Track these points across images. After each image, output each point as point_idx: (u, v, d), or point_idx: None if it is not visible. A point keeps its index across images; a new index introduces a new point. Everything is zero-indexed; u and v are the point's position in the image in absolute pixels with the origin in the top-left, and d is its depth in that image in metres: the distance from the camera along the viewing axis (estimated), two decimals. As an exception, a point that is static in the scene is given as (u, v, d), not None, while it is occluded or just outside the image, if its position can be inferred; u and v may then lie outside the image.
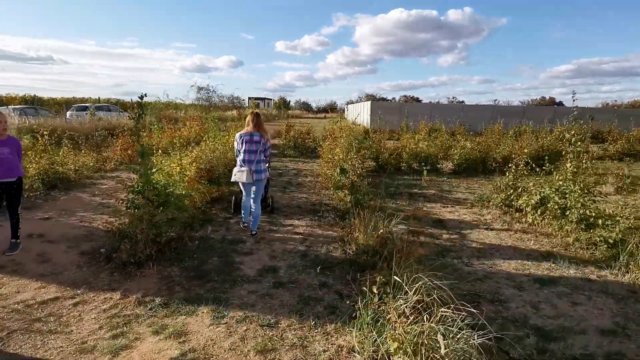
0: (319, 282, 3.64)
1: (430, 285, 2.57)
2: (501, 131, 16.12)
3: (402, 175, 9.06)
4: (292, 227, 5.26)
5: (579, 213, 4.49)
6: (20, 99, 32.96)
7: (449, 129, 17.70)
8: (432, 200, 6.79)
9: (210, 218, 5.53)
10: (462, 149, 9.67)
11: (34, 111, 17.10)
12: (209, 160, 6.61)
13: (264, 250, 4.42)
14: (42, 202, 6.07)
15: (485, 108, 23.66)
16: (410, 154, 9.55)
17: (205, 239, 4.70)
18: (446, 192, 7.47)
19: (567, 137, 4.92)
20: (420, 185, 8.08)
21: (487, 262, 4.14)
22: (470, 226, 5.38)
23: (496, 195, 6.33)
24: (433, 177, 8.90)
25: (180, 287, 3.46)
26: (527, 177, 6.01)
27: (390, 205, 6.39)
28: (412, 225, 5.16)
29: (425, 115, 21.08)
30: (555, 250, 4.47)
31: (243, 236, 4.85)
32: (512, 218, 5.72)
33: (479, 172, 9.45)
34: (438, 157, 9.75)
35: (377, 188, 7.60)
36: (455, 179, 8.78)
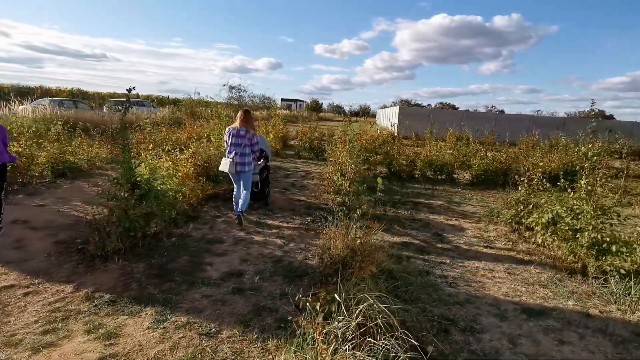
0: (282, 291, 3.40)
1: (377, 307, 2.26)
2: (535, 143, 15.18)
3: (414, 184, 8.62)
4: (278, 230, 5.05)
5: (590, 237, 3.96)
6: (68, 92, 35.15)
7: (478, 138, 16.91)
8: (437, 212, 6.34)
9: (198, 215, 5.43)
10: (481, 159, 9.07)
11: (72, 104, 18.02)
12: (207, 157, 6.54)
13: (238, 252, 4.24)
14: (45, 189, 6.25)
15: (521, 118, 22.39)
16: (424, 162, 9.08)
17: (184, 237, 4.60)
18: (455, 203, 6.98)
19: (583, 150, 4.37)
20: (429, 194, 7.62)
21: (475, 283, 3.72)
22: (469, 242, 4.93)
23: (506, 210, 5.80)
24: (447, 188, 8.39)
25: (137, 285, 3.35)
26: (542, 192, 5.44)
27: (389, 214, 6.03)
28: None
29: (455, 123, 20.27)
30: (559, 276, 3.96)
31: (223, 236, 4.70)
32: (519, 237, 5.20)
33: (498, 184, 8.81)
34: (454, 167, 9.20)
35: (383, 195, 7.24)
36: (471, 191, 8.23)
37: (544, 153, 10.51)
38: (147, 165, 5.08)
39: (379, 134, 17.55)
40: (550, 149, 12.57)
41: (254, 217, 5.55)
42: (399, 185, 8.34)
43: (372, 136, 16.19)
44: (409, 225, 5.56)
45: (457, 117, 22.35)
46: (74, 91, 35.74)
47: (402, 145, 16.00)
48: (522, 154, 11.41)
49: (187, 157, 6.11)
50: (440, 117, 22.05)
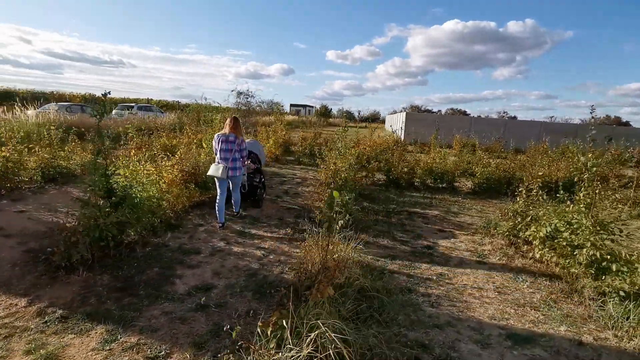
0: (249, 308, 3.18)
1: (330, 337, 2.03)
2: (545, 150, 14.73)
3: (412, 192, 8.33)
4: (260, 241, 4.85)
5: (588, 254, 3.65)
6: (81, 97, 35.81)
7: (486, 145, 16.50)
8: (432, 223, 6.05)
9: (180, 224, 5.27)
10: (484, 167, 8.74)
11: (80, 109, 18.24)
12: (195, 163, 6.39)
13: (212, 264, 4.05)
14: (31, 194, 6.17)
15: (531, 124, 21.84)
16: (424, 169, 8.79)
17: (160, 246, 4.43)
18: (452, 213, 6.68)
19: (582, 160, 4.06)
20: (427, 203, 7.33)
21: (460, 303, 3.45)
22: (460, 257, 4.64)
23: (504, 222, 5.48)
24: (447, 197, 8.09)
25: (95, 299, 3.17)
26: (541, 204, 5.12)
27: (380, 224, 5.77)
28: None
29: (463, 129, 19.86)
30: (553, 297, 3.65)
31: (201, 246, 4.52)
32: (516, 251, 4.89)
33: (502, 194, 8.46)
34: (455, 175, 8.87)
35: (377, 204, 6.99)
36: (471, 200, 7.90)
37: (552, 161, 10.10)
38: (127, 172, 4.93)
39: (384, 140, 17.31)
40: (559, 157, 12.14)
41: (238, 226, 5.36)
42: (397, 194, 8.06)
43: (375, 142, 15.95)
44: (400, 236, 5.29)
45: (465, 124, 21.92)
46: (87, 96, 36.40)
47: (406, 152, 15.76)
48: (529, 162, 11.03)
49: (173, 164, 5.97)
50: (448, 123, 21.64)
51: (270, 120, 32.91)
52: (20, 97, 28.91)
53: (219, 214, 5.17)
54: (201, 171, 6.50)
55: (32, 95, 31.91)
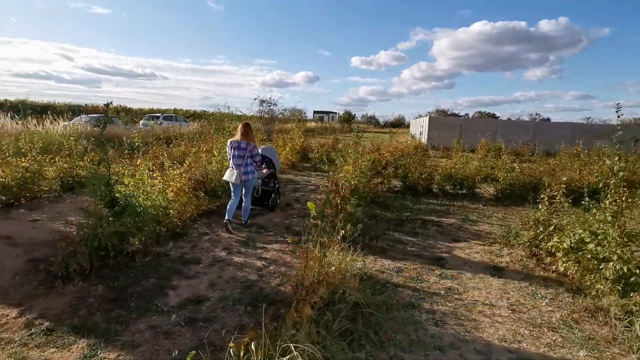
0: (239, 323, 3.04)
1: None
2: (578, 153, 13.90)
3: (430, 199, 7.98)
4: (263, 251, 4.72)
5: (615, 268, 3.27)
6: (113, 109, 37.38)
7: (513, 149, 15.78)
8: (446, 232, 5.72)
9: (185, 232, 5.23)
10: (507, 172, 8.26)
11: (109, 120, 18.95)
12: (204, 171, 6.37)
13: (210, 275, 3.94)
14: (48, 203, 6.36)
15: (563, 126, 20.72)
16: (443, 175, 8.42)
17: (160, 256, 4.38)
18: (470, 222, 6.30)
19: (608, 164, 3.68)
20: (444, 211, 6.98)
21: (468, 322, 3.15)
22: (474, 269, 4.31)
23: (525, 232, 5.08)
24: (466, 204, 7.69)
25: (86, 311, 3.13)
26: (567, 212, 4.70)
27: (391, 233, 5.51)
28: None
29: (489, 132, 19.11)
30: (575, 316, 3.28)
31: (202, 256, 4.44)
32: (537, 263, 4.50)
33: (527, 201, 7.94)
34: (475, 180, 8.43)
35: (391, 212, 6.72)
36: (493, 207, 7.47)
37: (583, 165, 9.45)
38: (131, 181, 4.95)
39: (405, 146, 16.92)
40: (593, 160, 11.37)
41: (244, 234, 5.27)
42: (413, 201, 7.74)
43: (396, 148, 15.60)
44: (411, 247, 5.01)
45: (492, 127, 21.09)
46: (117, 108, 38.02)
47: (427, 157, 15.29)
48: (559, 166, 10.38)
49: (181, 172, 5.97)
50: (473, 126, 20.90)
51: (293, 127, 33.14)
52: (57, 111, 30.58)
53: (228, 212, 5.37)
54: (210, 179, 6.47)
55: (68, 108, 33.68)
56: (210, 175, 6.46)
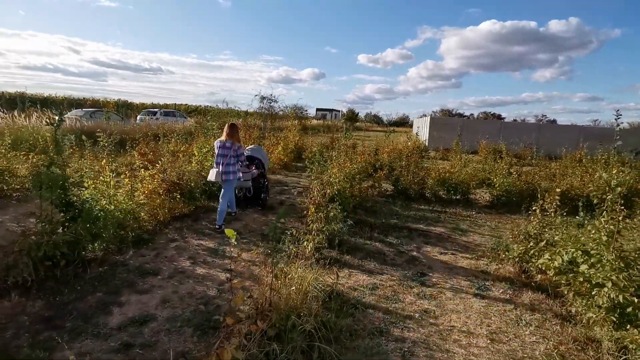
0: (182, 349, 2.71)
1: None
2: (580, 158, 13.45)
3: (421, 205, 7.61)
4: (231, 261, 4.38)
5: (609, 296, 2.90)
6: (114, 103, 37.22)
7: (514, 151, 15.35)
8: (433, 243, 5.36)
9: (152, 239, 4.91)
10: (503, 178, 7.87)
11: (103, 114, 18.70)
12: (180, 172, 6.04)
13: (165, 289, 3.62)
14: (16, 203, 6.07)
15: (568, 129, 20.20)
16: (436, 179, 8.04)
17: (117, 265, 4.07)
18: (459, 231, 5.93)
19: (605, 177, 3.29)
20: (434, 218, 6.61)
21: (439, 354, 2.80)
22: (456, 287, 3.96)
23: (515, 245, 4.71)
24: (459, 210, 7.31)
25: (12, 332, 2.81)
26: (560, 226, 4.32)
27: (373, 243, 5.16)
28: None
29: (491, 134, 18.65)
30: (562, 349, 2.92)
31: (163, 266, 4.12)
32: (526, 281, 4.14)
33: (523, 208, 7.55)
34: (470, 186, 8.04)
35: (377, 218, 6.37)
36: (486, 215, 7.09)
37: (585, 171, 9.02)
38: (92, 183, 4.64)
39: (404, 146, 16.53)
40: (597, 166, 10.93)
41: (214, 242, 4.94)
42: (403, 206, 7.38)
43: (394, 149, 15.24)
44: (392, 259, 4.66)
45: (494, 128, 20.62)
46: (119, 102, 37.83)
47: (424, 159, 14.90)
48: (560, 172, 9.96)
49: (154, 173, 5.65)
50: (475, 127, 20.45)
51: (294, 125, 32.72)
52: (57, 104, 30.35)
53: (231, 205, 5.84)
54: (187, 180, 6.15)
55: (68, 101, 33.56)
56: (187, 177, 6.13)
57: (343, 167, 6.79)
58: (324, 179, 6.06)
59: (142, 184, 5.40)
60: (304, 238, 4.44)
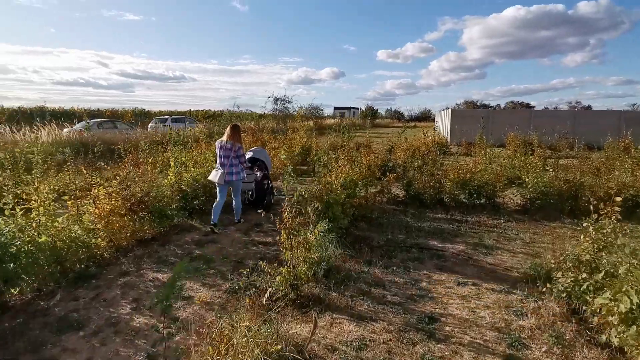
0: None
1: None
2: (627, 146, 11.78)
3: (437, 212, 6.45)
4: (185, 302, 3.45)
5: None
6: (131, 113, 37.58)
7: (548, 143, 13.75)
8: (448, 267, 4.23)
9: (99, 272, 4.06)
10: (537, 177, 6.56)
11: (112, 124, 18.43)
12: (147, 188, 5.17)
13: (78, 355, 2.71)
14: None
15: (607, 115, 18.19)
16: (455, 181, 6.82)
17: (35, 316, 3.21)
18: (484, 249, 4.76)
19: None
20: (452, 231, 5.45)
21: None
22: (479, 344, 2.84)
23: (559, 274, 3.50)
24: (484, 218, 6.11)
25: None
26: (623, 247, 3.12)
27: (373, 269, 4.10)
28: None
29: (521, 125, 17.01)
30: None
31: (94, 315, 3.23)
32: (579, 329, 2.97)
33: (565, 213, 6.25)
34: (497, 187, 6.77)
35: (382, 233, 5.29)
36: (518, 223, 5.84)
37: (635, 164, 7.55)
38: (20, 210, 3.81)
39: (422, 142, 15.25)
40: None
41: (163, 274, 4.02)
42: (416, 216, 6.24)
43: (412, 145, 14.00)
44: (393, 295, 3.59)
45: (523, 118, 18.87)
46: (137, 111, 38.18)
47: (446, 156, 13.57)
48: (605, 166, 8.48)
49: (111, 191, 4.80)
50: (502, 118, 18.80)
51: (310, 125, 31.87)
52: (76, 116, 30.85)
53: (214, 214, 5.37)
54: (156, 196, 5.27)
55: (88, 113, 34.10)
56: (155, 192, 5.25)
57: (342, 172, 5.74)
58: (310, 189, 5.04)
59: (97, 204, 4.55)
60: (275, 272, 3.45)
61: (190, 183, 6.30)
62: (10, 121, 21.12)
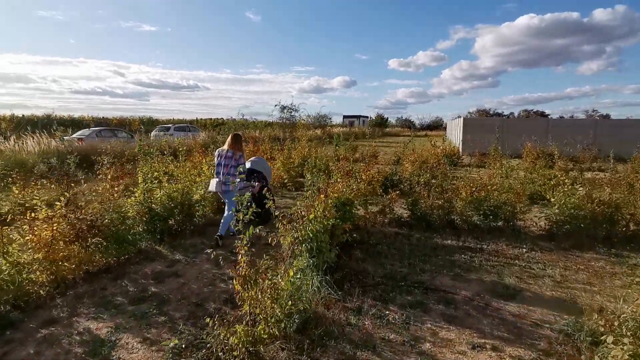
0: None
1: None
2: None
3: (448, 238, 5.54)
4: (108, 372, 2.63)
5: None
6: (139, 121, 37.47)
7: (570, 155, 12.68)
8: (459, 318, 3.32)
9: (25, 319, 3.28)
10: (565, 196, 5.59)
11: (111, 133, 17.98)
12: (99, 211, 4.40)
13: None
14: None
15: (632, 124, 16.97)
16: (467, 200, 5.89)
17: None
18: (504, 289, 3.82)
19: None
20: (464, 264, 4.53)
21: None
22: None
23: (612, 339, 2.57)
24: (502, 246, 5.17)
25: None
26: None
27: (361, 320, 3.22)
28: None
29: (538, 134, 15.94)
30: None
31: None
32: None
33: (599, 241, 5.27)
34: (517, 208, 5.81)
35: (379, 265, 4.41)
36: (545, 253, 4.89)
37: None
38: None
39: (432, 153, 14.27)
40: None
41: (114, 323, 3.21)
42: (421, 241, 5.34)
43: (421, 156, 13.05)
44: (384, 362, 2.70)
45: (540, 127, 17.79)
46: (144, 120, 38.08)
47: (458, 167, 12.61)
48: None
49: (52, 214, 4.03)
50: (517, 127, 17.74)
51: (317, 134, 31.11)
52: (84, 124, 30.76)
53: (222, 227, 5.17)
54: (113, 220, 4.50)
55: (95, 122, 34.10)
56: (111, 215, 4.48)
57: (334, 191, 4.89)
58: (293, 212, 4.20)
59: (33, 230, 3.80)
60: (227, 333, 2.61)
61: (164, 201, 5.54)
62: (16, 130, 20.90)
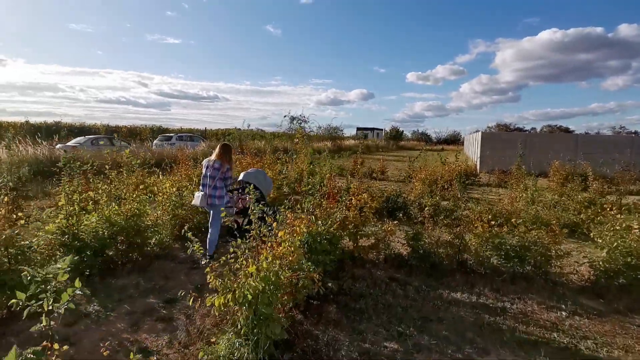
0: None
1: None
2: None
3: (457, 288, 4.22)
4: None
5: None
6: (149, 130, 37.21)
7: (605, 175, 11.14)
8: None
9: None
10: (617, 236, 4.21)
11: (108, 141, 17.31)
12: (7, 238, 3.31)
13: None
14: None
15: (676, 142, 15.16)
16: (484, 236, 4.56)
17: None
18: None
19: None
20: (478, 329, 3.22)
21: None
22: None
23: None
24: (530, 303, 3.83)
25: None
26: None
27: None
28: None
29: (565, 152, 14.37)
30: None
31: None
32: None
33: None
34: (550, 251, 4.43)
35: (358, 331, 3.15)
36: (592, 319, 3.53)
37: None
38: None
39: (448, 168, 12.84)
40: None
41: None
42: (422, 292, 4.04)
43: (433, 173, 11.65)
44: None
45: (567, 143, 16.14)
46: (154, 128, 37.82)
47: (474, 187, 11.27)
48: None
49: None
50: (542, 143, 16.16)
51: (328, 146, 30.00)
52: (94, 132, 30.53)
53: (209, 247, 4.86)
54: (16, 253, 3.40)
55: (105, 129, 33.97)
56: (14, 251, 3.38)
57: (299, 229, 3.65)
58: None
59: None
60: None
61: (98, 227, 4.45)
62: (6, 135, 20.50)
